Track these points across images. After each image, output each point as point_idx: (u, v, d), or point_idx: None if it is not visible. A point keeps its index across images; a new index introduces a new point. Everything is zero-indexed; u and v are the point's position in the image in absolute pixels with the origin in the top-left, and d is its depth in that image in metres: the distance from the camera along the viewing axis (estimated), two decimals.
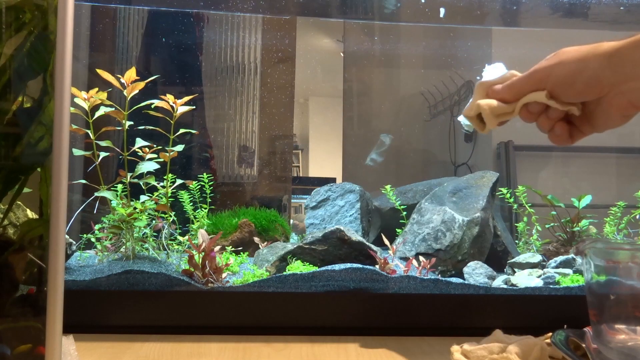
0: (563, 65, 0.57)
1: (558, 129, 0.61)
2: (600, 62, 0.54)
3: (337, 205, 1.30)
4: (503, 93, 0.62)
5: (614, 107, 0.56)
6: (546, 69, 0.58)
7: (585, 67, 0.55)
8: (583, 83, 0.56)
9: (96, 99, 0.94)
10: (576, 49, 0.57)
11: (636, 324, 0.64)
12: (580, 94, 0.57)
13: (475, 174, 1.22)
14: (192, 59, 1.64)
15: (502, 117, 0.63)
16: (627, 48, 0.52)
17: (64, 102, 0.47)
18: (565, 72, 0.57)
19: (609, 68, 0.53)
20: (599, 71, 0.54)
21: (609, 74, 0.54)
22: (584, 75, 0.55)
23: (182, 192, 1.10)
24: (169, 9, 1.55)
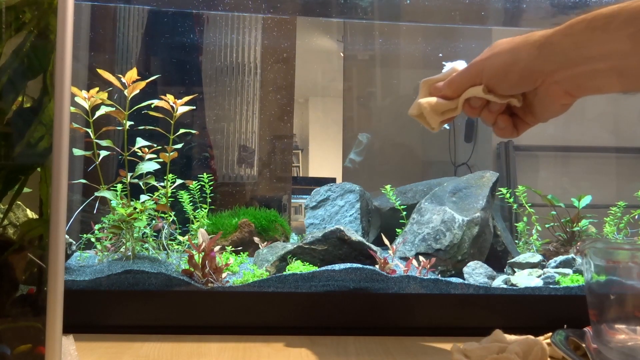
0: (495, 58, 0.56)
1: (501, 122, 0.60)
2: (531, 52, 0.52)
3: (337, 205, 1.30)
4: (444, 90, 0.61)
5: (550, 97, 0.55)
6: (480, 62, 0.57)
7: (517, 58, 0.54)
8: (516, 74, 0.54)
9: (97, 98, 0.94)
10: (509, 40, 0.55)
11: (636, 324, 0.64)
12: (514, 85, 0.56)
13: (475, 173, 1.22)
14: (192, 59, 1.64)
15: (446, 114, 0.61)
16: (557, 36, 0.51)
17: (64, 102, 0.47)
18: (497, 65, 0.55)
19: (540, 58, 0.52)
20: (531, 61, 0.53)
21: (541, 64, 0.52)
22: (517, 67, 0.54)
23: (182, 192, 1.10)
24: (169, 9, 1.55)
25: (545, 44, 0.51)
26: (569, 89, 0.53)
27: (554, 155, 1.90)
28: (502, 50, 0.55)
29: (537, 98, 0.56)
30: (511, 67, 0.54)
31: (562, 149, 1.88)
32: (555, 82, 0.52)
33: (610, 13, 0.45)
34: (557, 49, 0.50)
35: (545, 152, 1.89)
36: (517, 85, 0.56)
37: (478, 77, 0.57)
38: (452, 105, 0.60)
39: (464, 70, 0.60)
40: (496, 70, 0.55)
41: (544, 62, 0.52)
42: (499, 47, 0.56)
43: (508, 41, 0.55)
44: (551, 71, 0.51)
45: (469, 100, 0.59)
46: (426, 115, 0.62)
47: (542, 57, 0.51)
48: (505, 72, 0.55)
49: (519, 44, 0.53)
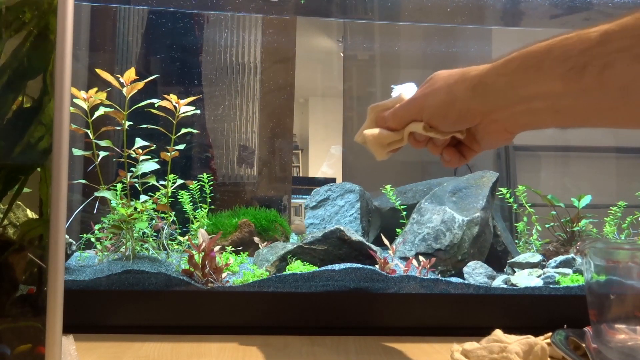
0: (434, 96, 0.54)
1: (446, 155, 0.58)
2: (466, 92, 0.50)
3: (337, 205, 1.30)
4: (389, 121, 0.58)
5: (490, 133, 0.54)
6: (420, 98, 0.55)
7: (454, 98, 0.52)
8: (454, 114, 0.52)
9: (95, 99, 0.94)
10: (447, 76, 0.53)
11: (636, 324, 0.64)
12: (454, 124, 0.54)
13: (475, 173, 1.22)
14: (192, 59, 1.64)
15: (392, 145, 0.59)
16: (491, 76, 0.48)
17: (64, 102, 0.47)
18: (436, 103, 0.53)
19: (476, 98, 0.50)
20: (467, 102, 0.51)
21: (477, 104, 0.50)
22: (454, 107, 0.52)
23: (182, 192, 1.10)
24: (169, 9, 1.55)
25: (479, 84, 0.49)
26: (506, 126, 0.51)
27: (554, 155, 1.90)
28: (440, 88, 0.53)
29: (479, 132, 0.55)
30: (448, 107, 0.52)
31: (562, 149, 1.88)
32: (494, 121, 0.51)
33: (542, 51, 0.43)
34: (492, 89, 0.48)
35: (545, 152, 1.89)
36: (457, 124, 0.54)
37: (419, 114, 0.56)
38: (398, 137, 0.58)
39: (406, 103, 0.57)
40: (434, 109, 0.54)
41: (479, 102, 0.50)
42: (438, 83, 0.54)
43: (446, 77, 0.53)
44: (488, 111, 0.50)
45: (414, 134, 0.57)
46: (370, 148, 0.60)
47: (477, 98, 0.50)
48: (443, 111, 0.53)
49: (456, 82, 0.51)
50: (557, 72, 0.41)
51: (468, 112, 0.51)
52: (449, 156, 0.58)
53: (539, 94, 0.44)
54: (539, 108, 0.45)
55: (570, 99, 0.42)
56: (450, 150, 0.58)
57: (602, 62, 0.38)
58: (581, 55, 0.39)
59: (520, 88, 0.46)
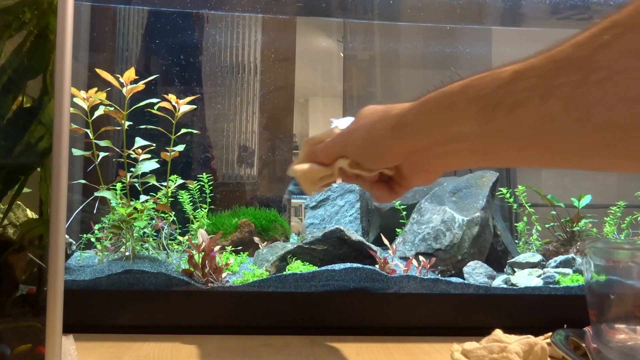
0: (356, 133, 0.52)
1: (375, 191, 0.57)
2: (386, 132, 0.49)
3: (337, 205, 1.30)
4: (319, 155, 0.57)
5: (414, 173, 0.52)
6: (345, 135, 0.54)
7: (374, 137, 0.50)
8: (375, 153, 0.51)
9: (95, 98, 0.94)
10: (371, 113, 0.51)
11: (636, 324, 0.64)
12: (376, 163, 0.52)
13: (475, 173, 1.22)
14: (192, 59, 1.64)
15: (323, 180, 0.58)
16: (410, 116, 0.46)
17: (64, 102, 0.47)
18: (358, 141, 0.52)
19: (395, 138, 0.48)
20: (387, 142, 0.49)
21: (396, 145, 0.48)
22: (375, 146, 0.50)
23: (182, 192, 1.10)
24: (169, 9, 1.55)
25: (398, 124, 0.47)
26: (427, 167, 0.50)
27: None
28: (362, 126, 0.52)
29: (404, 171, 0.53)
30: (369, 146, 0.51)
31: None
32: (414, 161, 0.49)
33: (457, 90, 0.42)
34: (410, 130, 0.47)
35: None
36: (377, 163, 0.52)
37: (343, 150, 0.54)
38: (329, 172, 0.57)
39: (333, 139, 0.56)
40: (357, 147, 0.52)
41: (398, 142, 0.48)
42: (362, 120, 0.52)
43: (371, 113, 0.52)
44: (407, 151, 0.48)
45: (343, 170, 0.55)
46: (300, 183, 0.59)
47: (396, 138, 0.48)
48: (367, 149, 0.51)
49: (378, 120, 0.50)
50: (470, 112, 0.40)
51: (389, 151, 0.50)
52: (378, 192, 0.56)
53: (455, 135, 0.43)
54: (455, 149, 0.44)
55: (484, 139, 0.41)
56: (380, 186, 0.56)
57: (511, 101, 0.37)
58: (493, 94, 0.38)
59: (436, 129, 0.44)
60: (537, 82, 0.35)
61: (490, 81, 0.39)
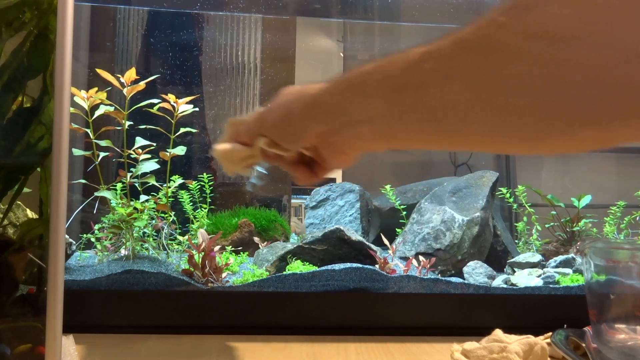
0: (273, 112, 0.51)
1: (296, 172, 0.56)
2: (301, 110, 0.48)
3: (337, 205, 1.30)
4: (242, 136, 0.56)
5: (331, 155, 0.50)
6: (263, 114, 0.53)
7: (290, 116, 0.49)
8: (291, 133, 0.50)
9: (95, 98, 0.94)
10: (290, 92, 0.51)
11: (636, 324, 0.64)
12: (292, 143, 0.51)
13: (475, 173, 1.22)
14: (192, 59, 1.64)
15: (247, 160, 0.57)
16: (324, 95, 0.46)
17: (64, 101, 0.47)
18: (274, 120, 0.51)
19: (309, 117, 0.47)
20: (302, 121, 0.48)
21: (310, 124, 0.48)
22: (290, 125, 0.49)
23: (182, 192, 1.10)
24: (169, 9, 1.55)
25: (313, 104, 0.47)
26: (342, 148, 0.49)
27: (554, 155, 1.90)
28: (280, 105, 0.51)
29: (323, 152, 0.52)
30: (285, 124, 0.50)
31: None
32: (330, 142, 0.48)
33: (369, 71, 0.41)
34: (323, 110, 0.46)
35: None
36: (293, 143, 0.51)
37: (262, 128, 0.53)
38: (251, 152, 0.56)
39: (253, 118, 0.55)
40: (273, 126, 0.52)
41: (312, 122, 0.47)
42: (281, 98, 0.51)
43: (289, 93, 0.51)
44: (321, 132, 0.47)
45: (264, 150, 0.54)
46: (221, 163, 0.58)
47: (310, 117, 0.47)
48: (283, 128, 0.51)
49: (294, 99, 0.49)
50: (380, 93, 0.40)
51: (303, 131, 0.49)
52: (298, 173, 0.55)
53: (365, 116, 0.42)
54: (366, 131, 0.43)
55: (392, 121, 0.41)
56: (300, 168, 0.55)
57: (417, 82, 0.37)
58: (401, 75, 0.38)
59: (345, 110, 0.44)
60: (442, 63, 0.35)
61: (400, 62, 0.38)
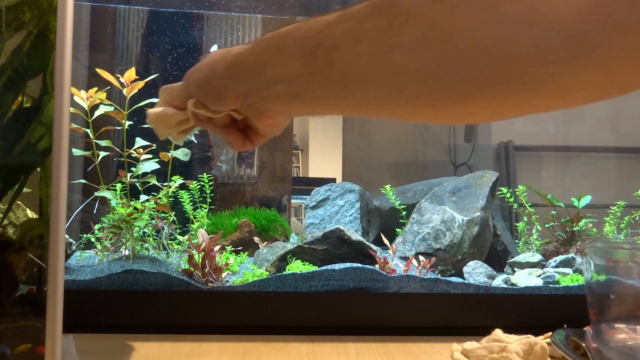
0: (198, 72, 0.50)
1: (228, 136, 0.54)
2: (223, 70, 0.47)
3: (337, 205, 1.30)
4: (176, 100, 0.55)
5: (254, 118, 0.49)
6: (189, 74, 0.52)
7: (212, 75, 0.48)
8: (214, 94, 0.49)
9: (95, 98, 0.94)
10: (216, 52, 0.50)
11: (636, 323, 0.64)
12: (216, 104, 0.50)
13: (475, 173, 1.22)
14: (192, 59, 1.64)
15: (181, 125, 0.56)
16: (245, 54, 0.45)
17: (64, 101, 0.47)
18: (197, 79, 0.50)
19: (230, 77, 0.47)
20: (223, 80, 0.47)
21: (231, 84, 0.47)
22: (212, 84, 0.49)
23: (182, 192, 1.10)
24: (169, 9, 1.55)
25: (234, 63, 0.46)
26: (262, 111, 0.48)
27: (554, 155, 1.90)
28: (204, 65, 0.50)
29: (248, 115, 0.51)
30: (207, 84, 0.49)
31: (562, 149, 1.88)
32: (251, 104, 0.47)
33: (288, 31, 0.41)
34: (242, 69, 0.46)
35: (545, 152, 1.89)
36: (216, 104, 0.50)
37: (188, 89, 0.52)
38: (184, 116, 0.54)
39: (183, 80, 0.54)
40: (197, 86, 0.50)
41: (232, 81, 0.47)
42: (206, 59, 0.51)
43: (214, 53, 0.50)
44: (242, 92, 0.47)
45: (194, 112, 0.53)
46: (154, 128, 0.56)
47: (231, 77, 0.47)
48: (204, 88, 0.50)
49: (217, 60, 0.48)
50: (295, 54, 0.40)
51: (225, 91, 0.48)
52: (231, 137, 0.54)
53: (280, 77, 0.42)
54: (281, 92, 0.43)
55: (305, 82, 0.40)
56: (233, 132, 0.54)
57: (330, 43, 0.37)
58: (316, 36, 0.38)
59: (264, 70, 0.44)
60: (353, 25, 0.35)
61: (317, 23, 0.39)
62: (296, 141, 2.63)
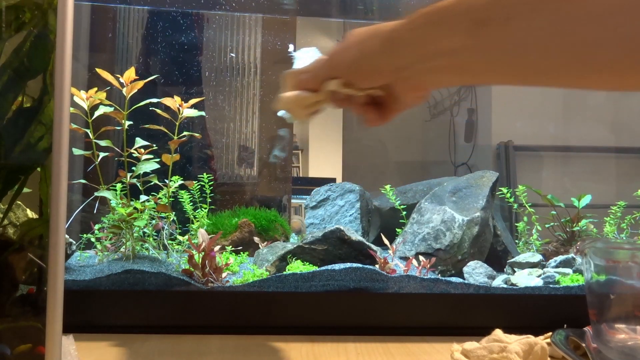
0: (347, 51, 0.52)
1: (366, 114, 0.57)
2: (377, 47, 0.49)
3: (337, 205, 1.30)
4: (309, 82, 0.58)
5: (404, 92, 0.53)
6: (336, 55, 0.54)
7: (365, 54, 0.50)
8: (366, 70, 0.51)
9: (95, 98, 0.94)
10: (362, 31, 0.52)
11: (636, 324, 0.64)
12: (366, 81, 0.53)
13: (475, 173, 1.22)
14: (192, 59, 1.64)
15: (313, 106, 0.59)
16: (401, 31, 0.47)
17: (64, 101, 0.47)
18: (349, 59, 0.52)
19: (386, 54, 0.49)
20: (378, 57, 0.49)
21: (386, 61, 0.49)
22: (365, 62, 0.51)
23: (182, 192, 1.10)
24: (169, 9, 1.55)
25: (388, 40, 0.48)
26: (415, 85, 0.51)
27: (554, 155, 1.90)
28: (353, 44, 0.52)
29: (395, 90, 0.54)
30: (360, 63, 0.51)
31: (562, 149, 1.88)
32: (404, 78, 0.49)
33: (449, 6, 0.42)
34: (399, 45, 0.47)
35: (545, 152, 1.89)
36: (368, 81, 0.53)
37: (334, 70, 0.55)
38: (319, 97, 0.58)
39: (322, 62, 0.57)
40: (348, 65, 0.53)
41: (388, 58, 0.49)
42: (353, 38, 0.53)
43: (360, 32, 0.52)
44: (397, 68, 0.48)
45: (334, 93, 0.56)
46: (290, 110, 0.60)
47: (386, 54, 0.49)
48: (358, 67, 0.52)
49: (369, 38, 0.50)
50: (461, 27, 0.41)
51: (378, 68, 0.50)
52: (369, 114, 0.57)
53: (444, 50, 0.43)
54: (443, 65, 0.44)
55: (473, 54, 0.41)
56: (370, 109, 0.57)
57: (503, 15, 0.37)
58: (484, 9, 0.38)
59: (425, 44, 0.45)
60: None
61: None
62: (296, 141, 2.63)
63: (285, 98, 0.59)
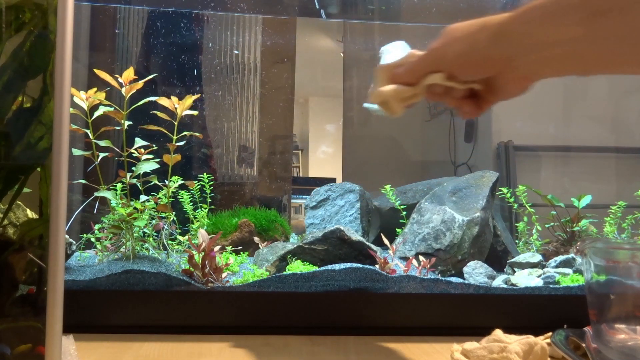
0: (454, 45, 0.55)
1: (466, 106, 0.59)
2: (488, 39, 0.51)
3: (337, 205, 1.30)
4: (405, 76, 0.60)
5: (510, 82, 0.55)
6: (440, 49, 0.56)
7: (474, 46, 0.53)
8: (475, 62, 0.54)
9: (95, 99, 0.94)
10: (466, 25, 0.54)
11: (636, 324, 0.64)
12: (474, 73, 0.55)
13: (475, 173, 1.22)
14: (192, 59, 1.64)
15: (408, 100, 0.60)
16: (513, 24, 0.49)
17: (64, 102, 0.47)
18: (456, 52, 0.54)
19: (498, 46, 0.51)
20: (488, 49, 0.52)
21: (498, 52, 0.51)
22: (475, 55, 0.53)
23: (182, 192, 1.10)
24: (169, 9, 1.55)
25: (501, 32, 0.50)
26: (527, 74, 0.53)
27: (554, 155, 1.90)
28: (460, 37, 0.54)
29: (499, 81, 0.56)
30: (469, 56, 0.54)
31: (562, 149, 1.88)
32: (514, 68, 0.52)
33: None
34: (514, 37, 0.50)
35: (545, 152, 1.89)
36: (477, 73, 0.55)
37: (437, 64, 0.57)
38: (414, 91, 0.59)
39: (423, 56, 0.59)
40: (455, 58, 0.55)
41: (501, 50, 0.51)
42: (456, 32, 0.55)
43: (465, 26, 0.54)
44: (509, 58, 0.51)
45: (431, 87, 0.58)
46: (389, 103, 0.61)
47: (499, 46, 0.51)
48: (465, 60, 0.54)
49: (477, 31, 0.53)
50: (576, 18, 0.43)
51: (489, 60, 0.52)
52: (468, 107, 0.59)
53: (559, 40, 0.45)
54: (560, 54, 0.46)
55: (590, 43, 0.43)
56: (468, 102, 0.59)
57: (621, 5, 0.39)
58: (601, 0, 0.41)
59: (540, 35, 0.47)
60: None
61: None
62: (296, 141, 2.63)
63: (383, 92, 0.60)
